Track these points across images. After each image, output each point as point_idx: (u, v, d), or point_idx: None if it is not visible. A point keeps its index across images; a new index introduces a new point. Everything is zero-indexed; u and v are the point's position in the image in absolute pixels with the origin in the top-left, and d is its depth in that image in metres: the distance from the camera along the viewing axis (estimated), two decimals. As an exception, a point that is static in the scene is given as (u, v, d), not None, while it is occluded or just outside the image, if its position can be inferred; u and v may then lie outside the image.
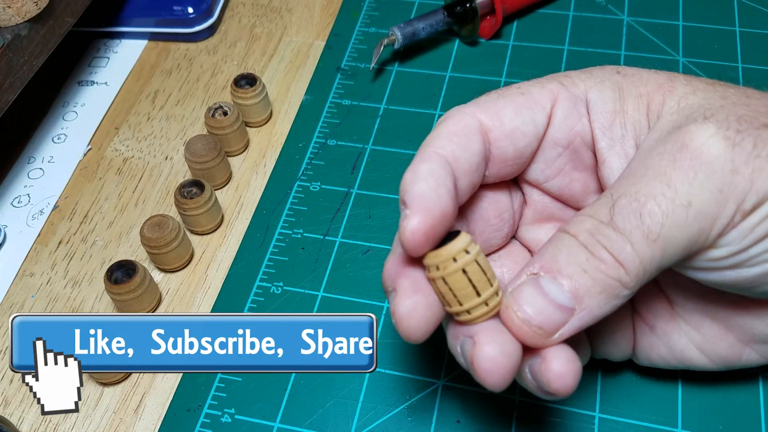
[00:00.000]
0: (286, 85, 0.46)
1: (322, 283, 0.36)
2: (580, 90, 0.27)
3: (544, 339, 0.23)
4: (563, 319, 0.22)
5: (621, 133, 0.26)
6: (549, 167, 0.28)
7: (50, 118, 0.46)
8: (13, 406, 0.34)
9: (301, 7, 0.51)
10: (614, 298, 0.23)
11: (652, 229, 0.22)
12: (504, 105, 0.26)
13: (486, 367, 0.22)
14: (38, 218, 0.40)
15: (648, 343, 0.29)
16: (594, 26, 0.46)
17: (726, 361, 0.28)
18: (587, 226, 0.23)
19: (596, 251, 0.23)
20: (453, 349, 0.24)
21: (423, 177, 0.24)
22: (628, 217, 0.23)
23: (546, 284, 0.23)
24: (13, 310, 0.37)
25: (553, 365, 0.23)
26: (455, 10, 0.45)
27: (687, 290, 0.28)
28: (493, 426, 0.31)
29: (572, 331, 0.23)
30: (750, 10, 0.46)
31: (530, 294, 0.23)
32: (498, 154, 0.26)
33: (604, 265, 0.22)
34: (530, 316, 0.22)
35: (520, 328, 0.23)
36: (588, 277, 0.22)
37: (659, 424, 0.30)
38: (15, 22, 0.38)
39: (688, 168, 0.23)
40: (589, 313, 0.23)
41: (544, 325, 0.22)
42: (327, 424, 0.31)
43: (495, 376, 0.22)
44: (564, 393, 0.23)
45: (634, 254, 0.22)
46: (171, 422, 0.32)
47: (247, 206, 0.40)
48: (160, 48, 0.49)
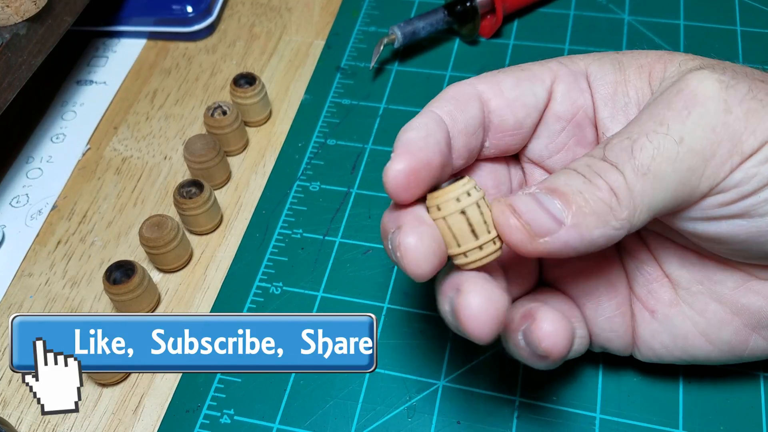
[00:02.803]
0: (286, 85, 0.46)
1: (321, 284, 0.36)
2: (579, 66, 0.28)
3: (531, 239, 0.23)
4: (553, 226, 0.23)
5: (624, 101, 0.27)
6: (552, 142, 0.28)
7: (49, 118, 0.45)
8: (12, 406, 0.33)
9: (300, 6, 0.50)
10: (604, 224, 0.23)
11: (643, 162, 0.23)
12: (504, 77, 0.27)
13: (470, 314, 0.22)
14: (37, 218, 0.40)
15: (650, 332, 0.28)
16: (595, 25, 0.46)
17: (732, 348, 0.27)
18: (583, 161, 0.24)
19: (592, 178, 0.23)
20: (442, 308, 0.24)
21: (413, 127, 0.24)
22: (620, 152, 0.23)
23: (540, 196, 0.23)
24: (12, 310, 0.37)
25: (544, 324, 0.23)
26: (455, 9, 0.45)
27: (692, 268, 0.27)
28: (493, 426, 0.31)
29: (560, 244, 0.23)
30: (751, 9, 0.46)
31: (524, 199, 0.23)
32: (498, 122, 0.27)
33: (598, 191, 0.23)
34: (521, 211, 0.23)
35: (508, 223, 0.23)
36: (581, 198, 0.23)
37: (660, 424, 0.30)
38: (13, 21, 0.38)
39: (682, 108, 0.23)
40: (577, 232, 0.23)
41: (532, 223, 0.23)
42: (327, 425, 0.31)
43: (479, 323, 0.22)
44: (555, 353, 0.23)
45: (626, 186, 0.23)
46: (170, 423, 0.32)
47: (246, 206, 0.40)
48: (159, 47, 0.49)
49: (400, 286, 0.35)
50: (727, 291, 0.27)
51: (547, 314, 0.23)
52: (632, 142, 0.23)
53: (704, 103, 0.23)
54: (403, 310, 0.35)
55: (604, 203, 0.23)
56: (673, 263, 0.28)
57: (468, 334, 0.22)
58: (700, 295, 0.27)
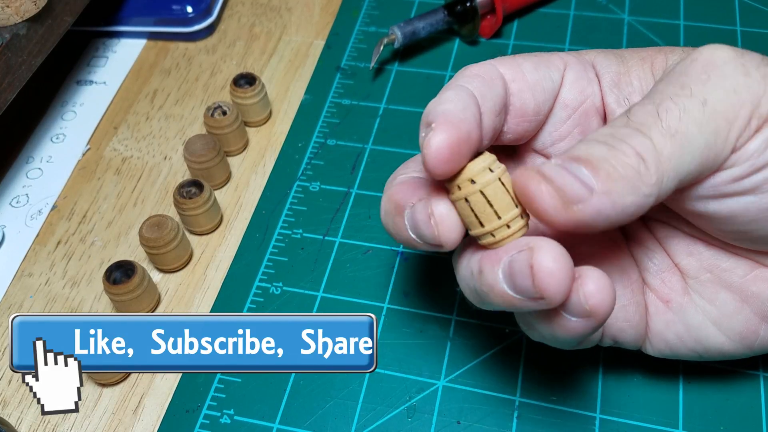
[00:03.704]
0: (286, 85, 0.46)
1: (321, 284, 0.36)
2: (586, 57, 0.28)
3: (565, 206, 0.22)
4: (584, 193, 0.21)
5: (628, 90, 0.27)
6: (556, 130, 0.28)
7: (49, 118, 0.45)
8: (12, 406, 0.33)
9: (300, 6, 0.50)
10: (635, 191, 0.22)
11: (670, 124, 0.22)
12: (523, 61, 0.27)
13: (549, 271, 0.21)
14: (37, 218, 0.40)
15: (664, 322, 0.28)
16: (595, 25, 0.46)
17: (743, 338, 0.27)
18: (606, 131, 0.23)
19: (617, 145, 0.22)
20: (488, 278, 0.23)
21: (449, 99, 0.23)
22: (645, 116, 0.22)
23: (567, 164, 0.22)
24: (12, 310, 0.37)
25: (589, 282, 0.22)
26: (455, 9, 0.45)
27: (700, 257, 0.27)
28: (493, 426, 0.31)
29: (593, 211, 0.21)
30: (751, 9, 0.46)
31: (552, 166, 0.22)
32: (520, 105, 0.26)
33: (624, 156, 0.22)
34: (552, 176, 0.22)
35: (539, 188, 0.22)
36: (609, 164, 0.22)
37: (660, 425, 0.30)
38: (13, 22, 0.38)
39: (700, 72, 0.23)
40: (609, 198, 0.21)
41: (565, 188, 0.22)
42: (327, 425, 0.31)
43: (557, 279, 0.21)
44: (602, 311, 0.22)
45: (654, 149, 0.22)
46: (170, 423, 0.32)
47: (246, 206, 0.40)
48: (159, 47, 0.49)
49: (400, 286, 0.35)
50: (736, 279, 0.27)
51: (592, 272, 0.22)
52: (656, 105, 0.22)
53: (722, 67, 0.23)
54: (403, 310, 0.35)
55: (633, 168, 0.22)
56: (681, 252, 0.28)
57: (547, 294, 0.22)
58: (710, 284, 0.27)
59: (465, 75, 0.25)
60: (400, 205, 0.24)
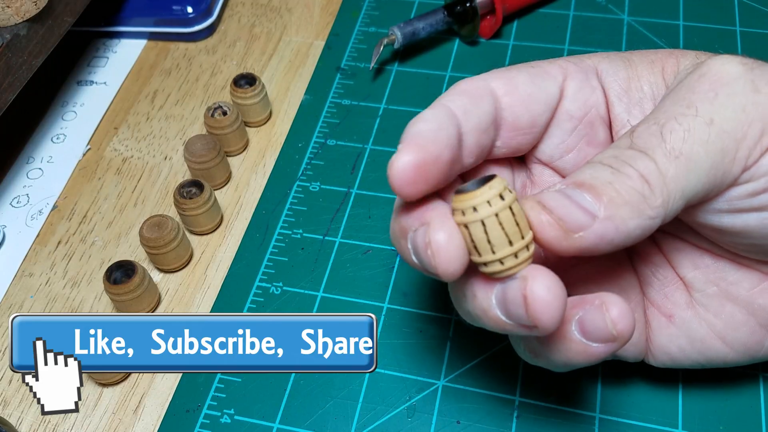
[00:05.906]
0: (286, 85, 0.46)
1: (321, 284, 0.36)
2: (589, 64, 0.27)
3: (566, 235, 0.21)
4: (586, 221, 0.21)
5: (638, 96, 0.26)
6: (563, 142, 0.27)
7: (49, 118, 0.45)
8: (12, 406, 0.33)
9: (300, 6, 0.50)
10: (639, 214, 0.21)
11: (674, 146, 0.22)
12: (517, 73, 0.26)
13: (541, 301, 0.21)
14: (37, 218, 0.40)
15: (667, 337, 0.27)
16: (594, 26, 0.46)
17: (747, 348, 0.27)
18: (610, 153, 0.23)
19: (620, 167, 0.22)
20: (481, 304, 0.23)
21: (424, 119, 0.23)
22: (648, 138, 0.22)
23: (569, 191, 0.22)
24: (12, 310, 0.37)
25: (613, 308, 0.22)
26: (455, 10, 0.45)
27: (707, 270, 0.27)
28: (493, 426, 0.31)
29: (595, 238, 0.21)
30: (750, 9, 0.46)
31: (553, 195, 0.22)
32: (512, 120, 0.26)
33: (628, 180, 0.22)
34: (552, 206, 0.22)
35: (539, 219, 0.22)
36: (612, 189, 0.22)
37: (660, 425, 0.30)
38: (14, 22, 0.38)
39: (708, 90, 0.22)
40: (613, 224, 0.21)
41: (565, 218, 0.21)
42: (327, 425, 0.31)
43: (550, 310, 0.21)
44: (628, 333, 0.22)
45: (658, 171, 0.22)
46: (170, 423, 0.32)
47: (246, 206, 0.40)
48: (160, 48, 0.49)
49: (400, 286, 0.35)
50: (743, 292, 0.26)
51: (611, 298, 0.22)
52: (660, 126, 0.22)
53: (731, 84, 0.22)
54: (403, 310, 0.35)
55: (637, 192, 0.21)
56: (687, 265, 0.27)
57: (540, 324, 0.21)
58: (716, 297, 0.27)
59: (452, 92, 0.25)
60: (402, 230, 0.24)
